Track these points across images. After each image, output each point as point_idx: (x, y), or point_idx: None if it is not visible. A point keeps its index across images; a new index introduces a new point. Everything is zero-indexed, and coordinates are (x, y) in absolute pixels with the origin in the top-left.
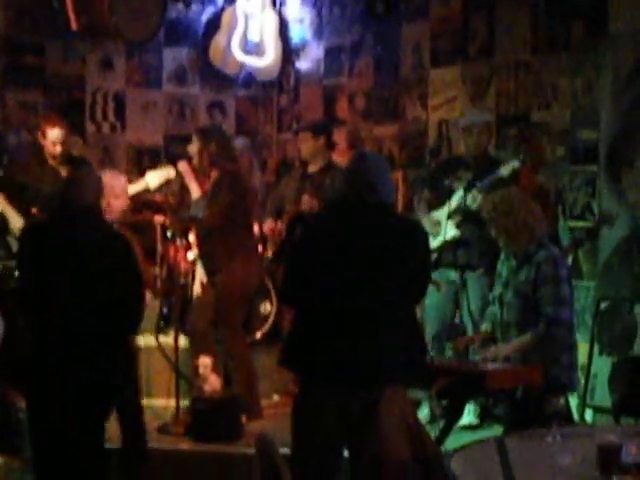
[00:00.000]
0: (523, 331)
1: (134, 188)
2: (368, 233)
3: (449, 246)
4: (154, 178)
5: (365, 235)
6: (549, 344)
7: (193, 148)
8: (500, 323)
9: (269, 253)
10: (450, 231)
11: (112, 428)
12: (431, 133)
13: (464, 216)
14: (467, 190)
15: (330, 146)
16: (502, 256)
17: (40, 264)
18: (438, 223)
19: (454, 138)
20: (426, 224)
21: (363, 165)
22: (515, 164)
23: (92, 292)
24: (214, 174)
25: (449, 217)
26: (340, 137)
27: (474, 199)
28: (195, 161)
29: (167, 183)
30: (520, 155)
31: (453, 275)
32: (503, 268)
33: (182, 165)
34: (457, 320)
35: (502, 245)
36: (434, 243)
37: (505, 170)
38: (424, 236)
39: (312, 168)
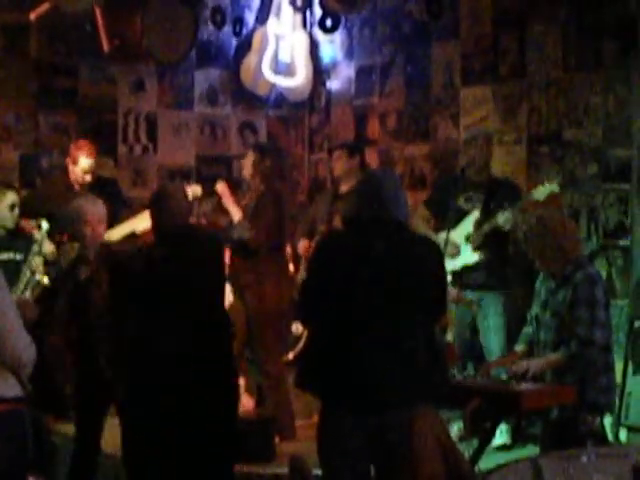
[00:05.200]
0: None
1: None
2: (382, 251)
3: (467, 268)
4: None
5: (379, 253)
6: (583, 365)
7: (247, 161)
8: (537, 343)
9: (302, 273)
10: (472, 256)
11: None
12: (463, 152)
13: (484, 240)
14: (485, 212)
15: (363, 166)
16: (541, 276)
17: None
18: (455, 245)
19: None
20: (442, 244)
21: (372, 183)
22: (554, 188)
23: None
24: (260, 189)
25: (467, 240)
26: (371, 157)
27: (507, 220)
28: (246, 173)
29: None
30: (558, 179)
31: (470, 295)
32: (542, 288)
33: (220, 186)
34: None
35: (538, 267)
36: (452, 264)
37: (540, 194)
38: (439, 254)
39: (344, 188)
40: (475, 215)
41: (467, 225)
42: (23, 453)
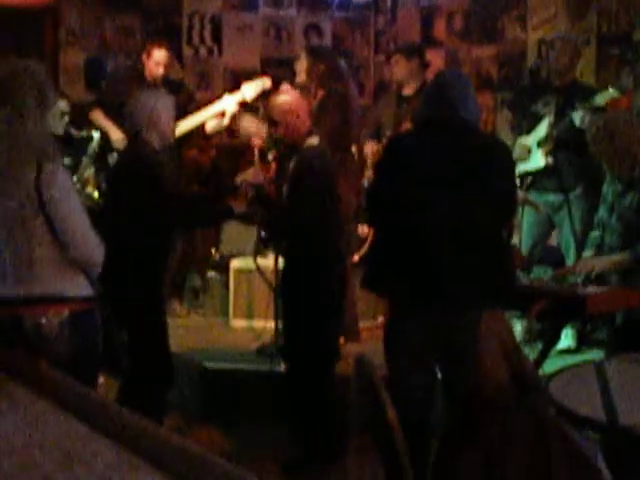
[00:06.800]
0: None
1: (231, 100)
2: (449, 152)
3: (540, 173)
4: (250, 90)
5: (446, 154)
6: None
7: (301, 66)
8: (603, 247)
9: (368, 176)
10: (540, 160)
11: None
12: (530, 54)
13: (556, 144)
14: (558, 116)
15: (424, 67)
16: (608, 179)
17: None
18: (528, 149)
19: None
20: (515, 148)
21: (441, 84)
22: (613, 93)
23: None
24: (320, 94)
25: (539, 145)
26: (438, 58)
27: (582, 119)
28: (301, 79)
29: (263, 94)
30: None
31: (551, 197)
32: (609, 191)
33: (285, 87)
34: (553, 243)
35: (606, 169)
36: (523, 167)
37: (602, 99)
38: (507, 155)
39: (407, 90)
40: (549, 119)
41: (541, 129)
42: (94, 351)
